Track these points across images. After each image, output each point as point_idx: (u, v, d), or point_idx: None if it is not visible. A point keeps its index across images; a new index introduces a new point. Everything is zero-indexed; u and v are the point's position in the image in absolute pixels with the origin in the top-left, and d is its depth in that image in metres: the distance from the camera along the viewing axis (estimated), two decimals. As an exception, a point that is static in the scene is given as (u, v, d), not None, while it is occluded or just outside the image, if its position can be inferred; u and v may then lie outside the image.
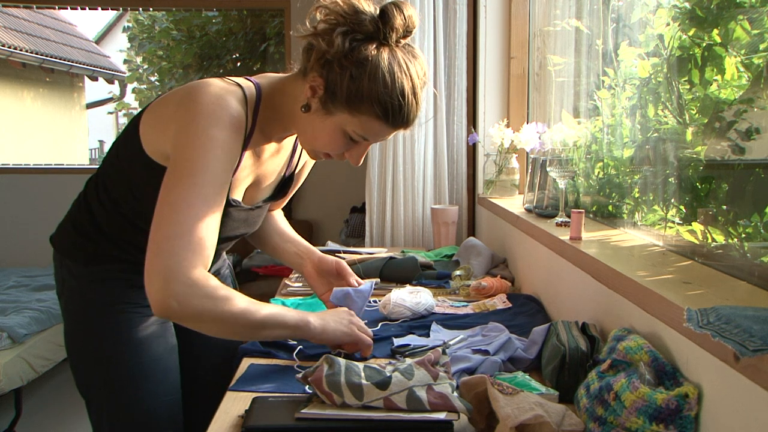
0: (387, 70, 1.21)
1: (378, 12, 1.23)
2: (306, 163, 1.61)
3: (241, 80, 1.33)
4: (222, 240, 1.46)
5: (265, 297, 1.76)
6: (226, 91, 1.25)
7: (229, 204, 1.33)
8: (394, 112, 1.23)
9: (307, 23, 1.25)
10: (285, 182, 1.54)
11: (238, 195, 1.39)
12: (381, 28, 1.21)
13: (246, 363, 1.41)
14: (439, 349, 1.23)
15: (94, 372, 1.42)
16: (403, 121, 1.26)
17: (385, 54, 1.22)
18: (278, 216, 1.72)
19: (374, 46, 1.21)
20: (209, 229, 1.15)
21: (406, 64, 1.23)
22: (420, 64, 1.27)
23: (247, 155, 1.35)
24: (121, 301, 1.39)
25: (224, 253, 1.69)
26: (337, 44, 1.19)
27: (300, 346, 1.43)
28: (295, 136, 1.45)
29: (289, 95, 1.32)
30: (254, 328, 1.22)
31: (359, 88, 1.21)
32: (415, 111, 1.26)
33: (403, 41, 1.26)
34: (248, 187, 1.42)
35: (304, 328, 1.30)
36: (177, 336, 1.49)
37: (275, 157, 1.46)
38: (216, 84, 1.26)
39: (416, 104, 1.26)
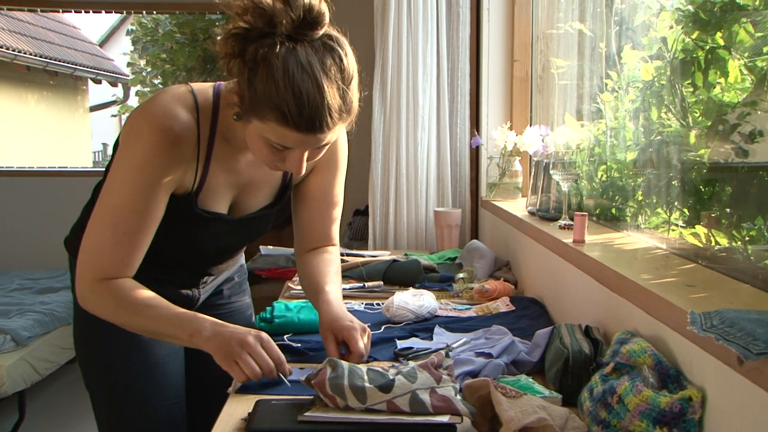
0: (281, 69, 1.09)
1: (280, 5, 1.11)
2: (315, 168, 1.47)
3: (201, 87, 1.30)
4: (218, 250, 1.47)
5: (269, 300, 1.76)
6: (176, 101, 1.24)
7: (204, 217, 1.33)
8: (294, 116, 1.11)
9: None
10: (283, 189, 1.47)
11: (220, 207, 1.36)
12: (278, 22, 1.10)
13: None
14: (442, 352, 1.23)
15: (97, 372, 1.44)
16: (310, 125, 1.13)
17: (282, 51, 1.10)
18: (321, 260, 1.51)
19: (269, 44, 1.10)
20: (115, 247, 1.24)
21: (308, 60, 1.10)
22: (325, 61, 1.13)
23: (217, 166, 1.31)
24: None
25: (239, 258, 1.65)
26: (228, 46, 1.12)
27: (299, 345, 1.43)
28: None
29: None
30: (145, 333, 1.31)
31: (256, 93, 1.12)
32: (325, 112, 1.12)
33: (312, 34, 1.13)
34: (238, 198, 1.39)
35: (190, 341, 1.24)
36: None
37: (260, 165, 1.35)
38: (169, 94, 1.25)
39: (323, 105, 1.12)
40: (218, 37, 1.15)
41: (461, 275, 2.05)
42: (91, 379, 1.46)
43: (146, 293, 1.26)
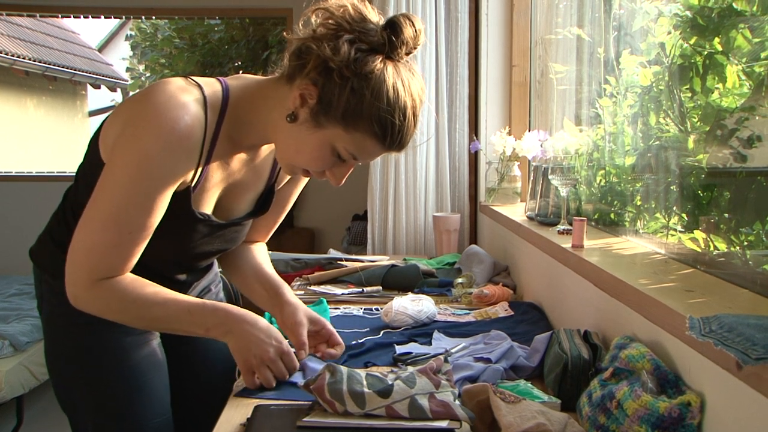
0: (392, 86, 1.12)
1: (384, 23, 1.14)
2: (292, 178, 1.48)
3: (206, 80, 1.22)
4: (194, 256, 1.38)
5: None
6: (183, 92, 1.15)
7: (196, 218, 1.25)
8: (393, 132, 1.15)
9: (300, 26, 1.15)
10: (267, 196, 1.42)
11: (207, 208, 1.29)
12: (388, 40, 1.12)
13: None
14: (441, 357, 1.23)
15: (77, 393, 1.35)
16: (399, 143, 1.18)
17: (390, 69, 1.13)
18: (258, 252, 1.56)
19: (380, 59, 1.12)
20: (118, 247, 1.16)
21: (408, 81, 1.15)
22: (419, 83, 1.19)
23: (215, 164, 1.25)
24: (104, 319, 1.25)
25: (215, 268, 1.59)
26: (343, 52, 1.09)
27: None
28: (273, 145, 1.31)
29: (268, 100, 1.21)
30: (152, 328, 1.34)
31: (359, 103, 1.11)
32: (412, 133, 1.19)
33: (407, 56, 1.17)
34: (222, 199, 1.32)
35: (206, 334, 1.25)
36: (171, 351, 1.43)
37: (251, 167, 1.34)
38: (174, 85, 1.16)
39: (414, 126, 1.18)
40: (316, 30, 1.13)
41: (460, 280, 2.05)
42: (69, 399, 1.36)
43: (149, 288, 1.21)
